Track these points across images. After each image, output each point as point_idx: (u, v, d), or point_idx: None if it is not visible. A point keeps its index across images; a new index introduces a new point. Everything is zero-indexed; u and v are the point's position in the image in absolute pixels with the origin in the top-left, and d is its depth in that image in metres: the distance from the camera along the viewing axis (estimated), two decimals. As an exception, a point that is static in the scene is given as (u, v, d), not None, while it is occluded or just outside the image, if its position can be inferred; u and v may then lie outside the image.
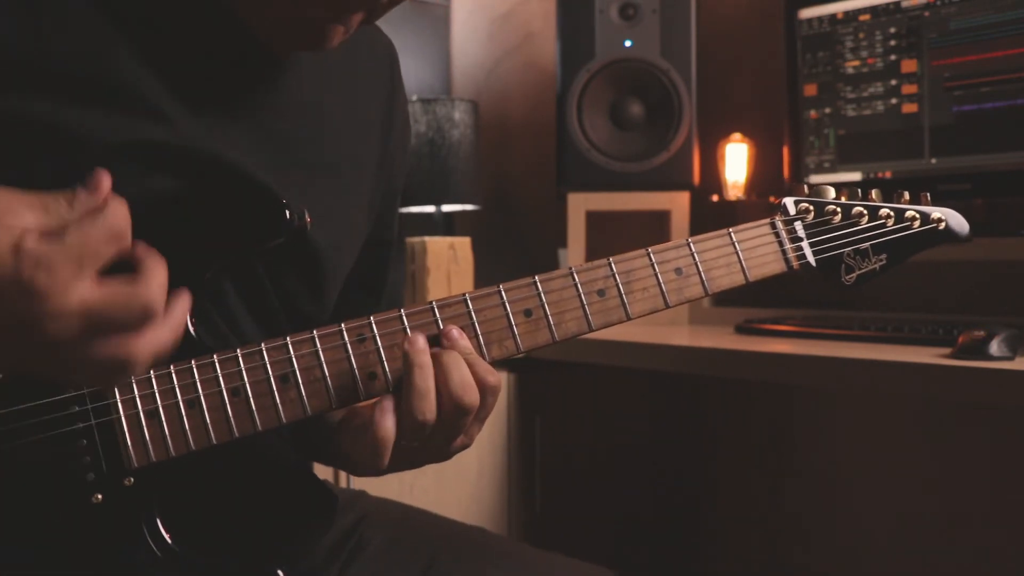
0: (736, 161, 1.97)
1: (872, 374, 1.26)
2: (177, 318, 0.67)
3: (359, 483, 1.55)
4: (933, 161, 1.65)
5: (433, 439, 0.80)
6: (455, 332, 0.80)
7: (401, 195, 1.07)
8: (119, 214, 0.64)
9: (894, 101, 1.69)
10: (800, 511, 1.95)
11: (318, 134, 0.91)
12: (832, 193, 0.95)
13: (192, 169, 0.79)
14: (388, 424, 0.77)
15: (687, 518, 2.13)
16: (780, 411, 1.97)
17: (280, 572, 0.79)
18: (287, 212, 0.78)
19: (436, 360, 0.78)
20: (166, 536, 0.75)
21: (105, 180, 0.65)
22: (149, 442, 0.74)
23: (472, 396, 0.78)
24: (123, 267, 0.64)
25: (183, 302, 0.67)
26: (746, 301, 1.86)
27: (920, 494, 1.76)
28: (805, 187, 0.95)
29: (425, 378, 0.77)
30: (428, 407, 0.77)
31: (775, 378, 1.50)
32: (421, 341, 0.78)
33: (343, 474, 1.60)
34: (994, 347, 1.20)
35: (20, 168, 0.73)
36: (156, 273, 0.64)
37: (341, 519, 0.99)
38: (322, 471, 1.56)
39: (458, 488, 1.78)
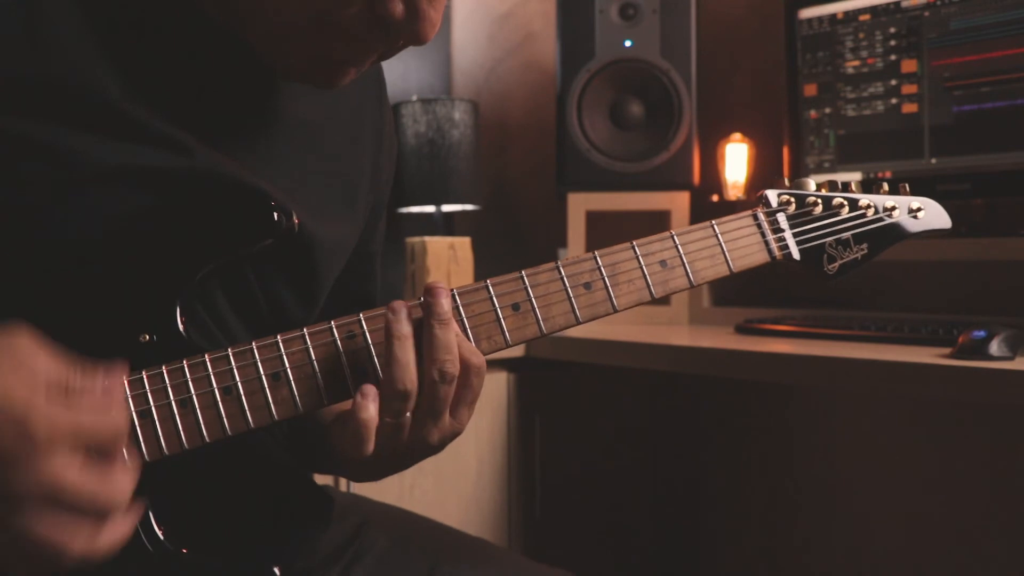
0: (736, 161, 1.97)
1: (872, 374, 1.25)
2: (128, 524, 0.68)
3: (359, 488, 1.55)
4: (933, 161, 1.64)
5: (416, 417, 0.79)
6: (441, 293, 0.79)
7: (385, 207, 1.08)
8: (125, 417, 0.68)
9: (894, 101, 1.69)
10: (800, 511, 1.95)
11: (313, 148, 0.91)
12: (812, 186, 0.98)
13: (186, 184, 0.79)
14: (370, 406, 0.78)
15: (687, 518, 2.13)
16: (780, 411, 1.97)
17: (276, 571, 0.79)
18: (275, 213, 0.78)
19: (419, 330, 0.78)
20: (160, 535, 0.75)
21: (123, 370, 0.70)
22: (142, 442, 0.74)
23: (452, 364, 0.78)
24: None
25: (134, 515, 0.69)
26: (746, 301, 1.86)
27: (920, 494, 1.76)
28: (786, 180, 0.97)
29: (405, 350, 0.77)
30: (408, 377, 0.77)
31: (775, 378, 1.50)
32: (403, 312, 0.78)
33: (343, 479, 1.60)
34: (994, 347, 1.19)
35: (9, 184, 0.73)
36: (129, 475, 0.67)
37: (342, 523, 0.99)
38: (322, 476, 1.56)
39: (458, 488, 1.77)
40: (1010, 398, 1.17)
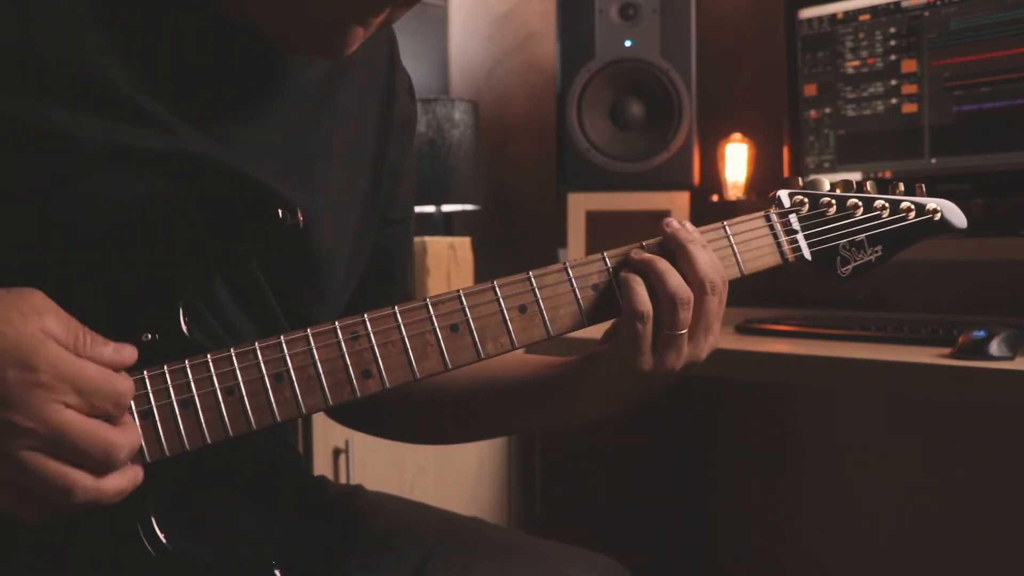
0: (736, 161, 1.97)
1: (872, 374, 1.25)
2: (136, 474, 0.71)
3: (356, 478, 1.55)
4: (933, 161, 1.64)
5: (659, 336, 0.83)
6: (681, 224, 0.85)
7: (412, 176, 1.05)
8: (130, 387, 0.70)
9: (894, 101, 1.69)
10: (800, 511, 1.95)
11: (316, 130, 0.90)
12: (827, 185, 0.94)
13: (187, 173, 0.78)
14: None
15: (687, 518, 2.13)
16: (780, 411, 1.97)
17: (277, 573, 0.78)
18: (279, 211, 0.78)
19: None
20: (161, 536, 0.75)
21: (132, 355, 0.72)
22: (143, 443, 0.73)
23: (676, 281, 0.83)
24: None
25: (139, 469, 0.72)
26: (746, 301, 1.86)
27: (920, 494, 1.76)
28: (800, 180, 0.94)
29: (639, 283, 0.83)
30: (643, 302, 0.82)
31: (775, 378, 1.50)
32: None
33: (341, 469, 1.60)
34: (994, 347, 1.19)
35: (9, 167, 0.73)
36: (134, 429, 0.71)
37: (338, 513, 0.99)
38: (321, 467, 1.57)
39: (458, 486, 1.78)
40: (1010, 398, 1.17)
